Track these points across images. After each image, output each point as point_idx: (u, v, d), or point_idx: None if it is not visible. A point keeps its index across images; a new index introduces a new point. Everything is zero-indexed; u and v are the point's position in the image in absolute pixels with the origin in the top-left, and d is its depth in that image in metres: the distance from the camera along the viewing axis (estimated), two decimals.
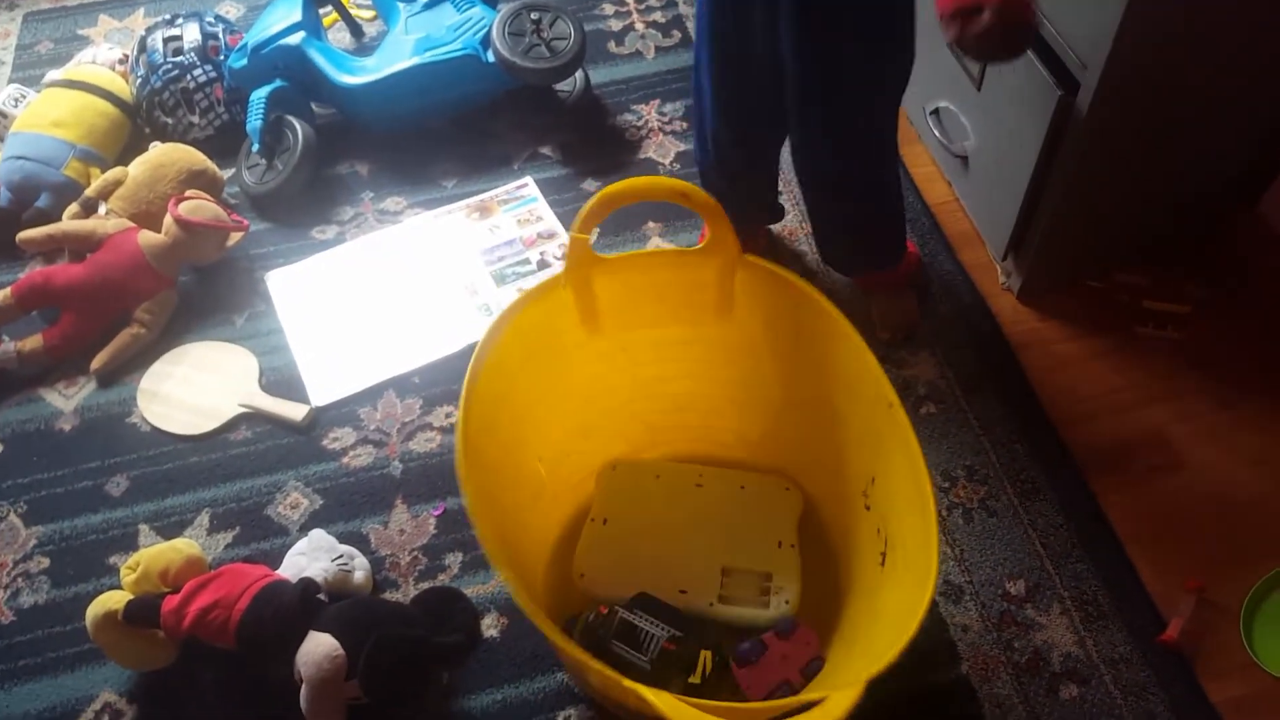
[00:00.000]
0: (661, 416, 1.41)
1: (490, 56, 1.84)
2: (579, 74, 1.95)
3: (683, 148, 1.91)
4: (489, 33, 1.84)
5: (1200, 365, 1.54)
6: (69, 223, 1.67)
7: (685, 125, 1.95)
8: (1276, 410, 1.49)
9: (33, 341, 1.60)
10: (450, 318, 1.67)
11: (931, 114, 1.70)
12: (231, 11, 2.24)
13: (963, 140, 1.64)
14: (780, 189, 1.69)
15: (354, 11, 2.15)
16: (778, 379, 1.30)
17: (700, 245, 1.21)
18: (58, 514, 1.47)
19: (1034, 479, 1.45)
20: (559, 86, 1.95)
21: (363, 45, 2.14)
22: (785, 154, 1.50)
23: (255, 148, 1.81)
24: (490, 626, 1.34)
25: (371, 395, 1.59)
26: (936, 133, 1.68)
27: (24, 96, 1.92)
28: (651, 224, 1.79)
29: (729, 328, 1.28)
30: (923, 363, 1.57)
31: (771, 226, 1.74)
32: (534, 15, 1.84)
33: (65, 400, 1.60)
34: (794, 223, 1.77)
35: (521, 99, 1.95)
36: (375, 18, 2.18)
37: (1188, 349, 1.56)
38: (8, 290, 1.61)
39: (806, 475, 1.38)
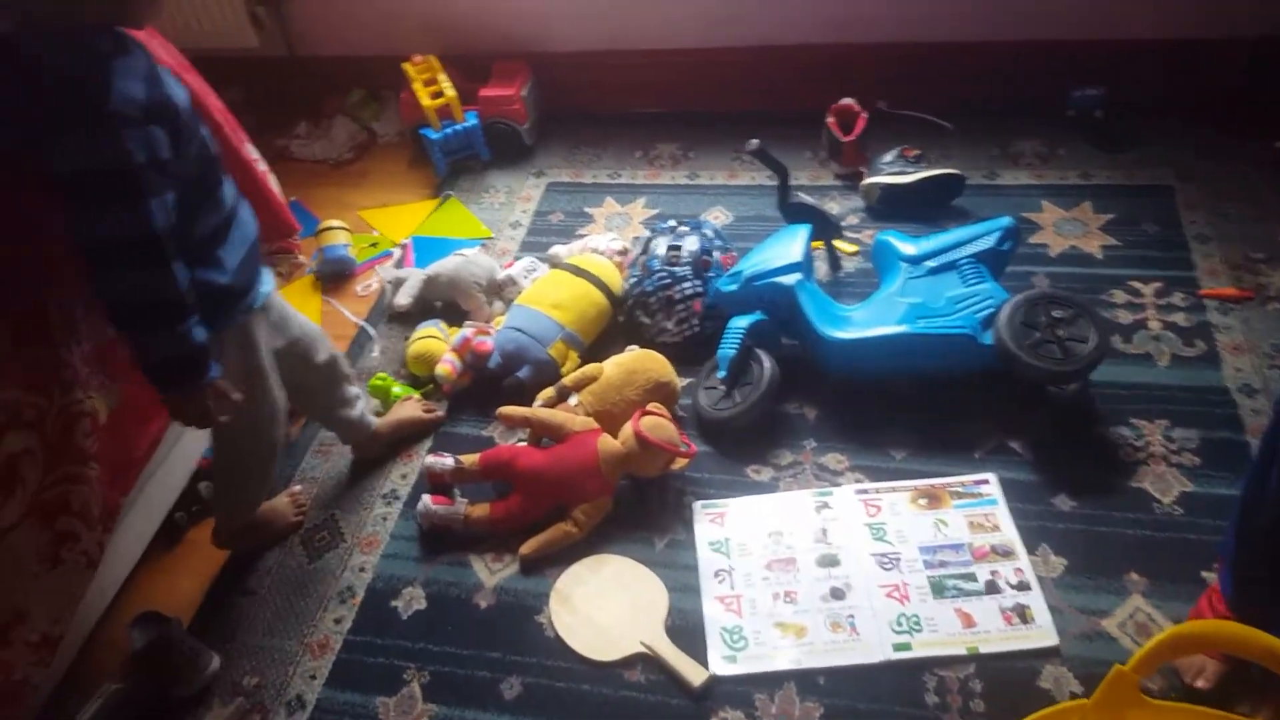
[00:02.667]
0: None
1: (988, 338, 1.70)
2: None
3: (1191, 489, 1.61)
4: (993, 314, 1.70)
5: None
6: (545, 410, 1.76)
7: (1199, 460, 1.65)
8: None
9: (481, 509, 1.70)
10: (872, 619, 1.51)
11: None
12: (720, 218, 2.33)
13: None
14: None
15: (841, 247, 2.13)
16: None
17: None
18: (453, 699, 1.49)
19: None
20: None
21: (836, 280, 2.11)
22: None
23: (721, 373, 1.81)
24: None
25: (772, 681, 1.46)
26: None
27: (534, 270, 2.12)
28: (1134, 575, 1.51)
29: None
30: None
31: None
32: (1055, 311, 1.67)
33: (490, 574, 1.66)
34: None
35: (1000, 378, 1.77)
36: (857, 253, 2.15)
37: None
38: (477, 457, 1.73)
39: None
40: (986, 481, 1.68)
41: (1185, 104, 2.38)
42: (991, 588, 1.52)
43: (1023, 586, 1.52)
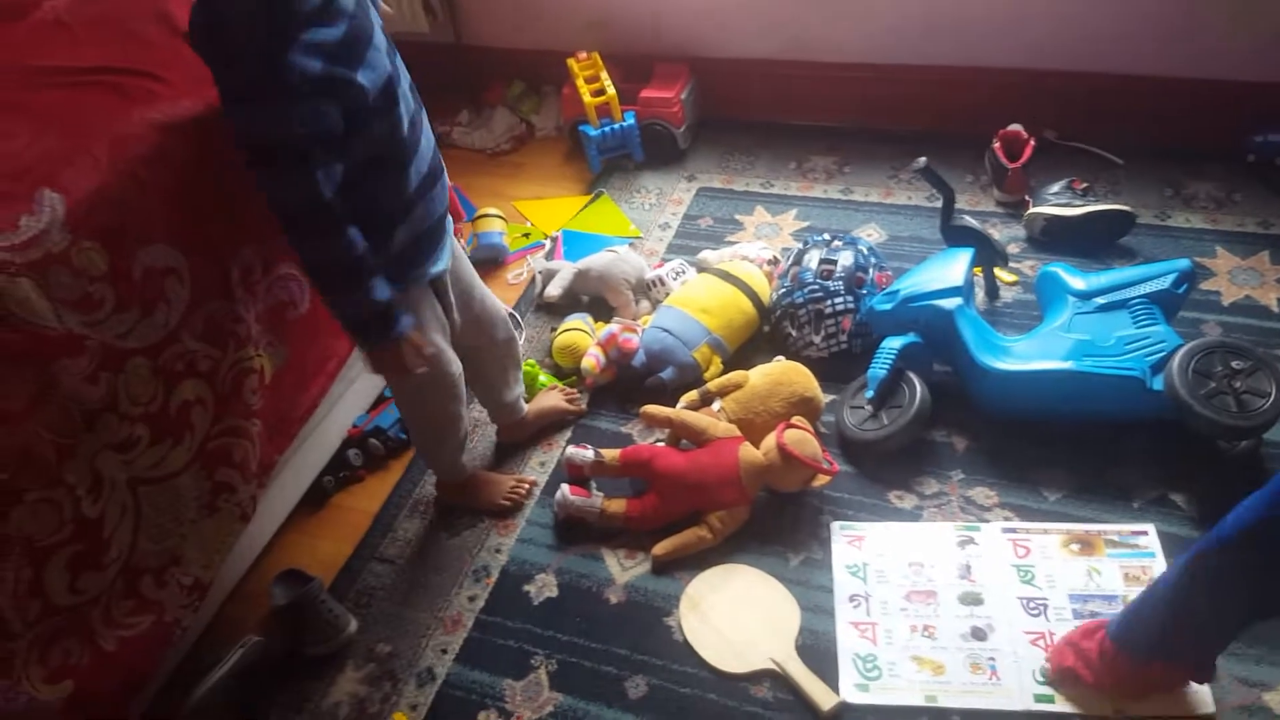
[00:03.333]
0: None
1: (1158, 384, 1.61)
2: None
3: None
4: (1166, 358, 1.62)
5: None
6: (688, 413, 1.77)
7: None
8: None
9: (617, 504, 1.71)
10: (1014, 665, 1.45)
11: None
12: (874, 235, 2.29)
13: None
14: None
15: (1001, 275, 2.06)
16: None
17: None
18: (579, 690, 1.51)
19: None
20: None
21: (993, 308, 2.04)
22: None
23: (869, 393, 1.78)
24: None
25: (904, 716, 1.42)
26: None
27: (684, 272, 2.12)
28: None
29: None
30: None
31: None
32: (1233, 362, 1.57)
33: (621, 570, 1.67)
34: None
35: (1166, 427, 1.68)
36: (1016, 283, 2.08)
37: None
38: (617, 453, 1.75)
39: None
40: (1145, 533, 1.59)
41: None
42: None
43: None
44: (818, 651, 1.51)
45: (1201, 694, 1.38)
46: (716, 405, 1.79)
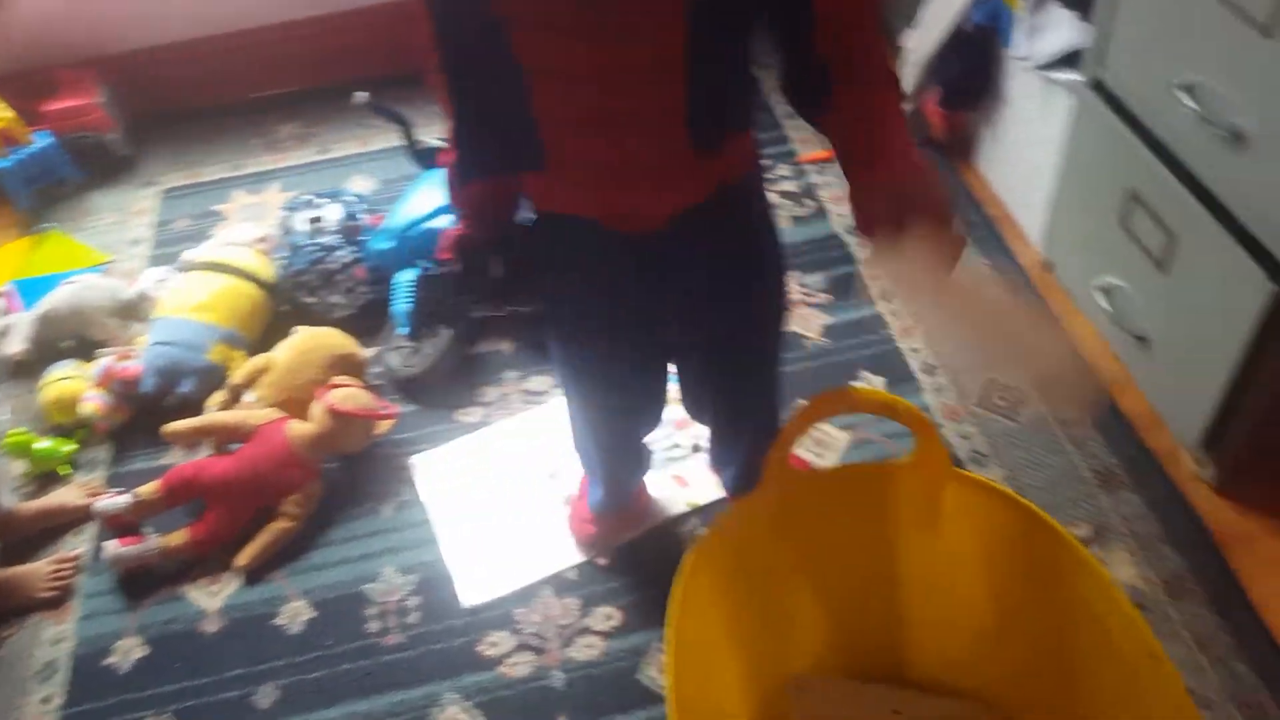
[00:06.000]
0: (849, 637, 1.30)
1: None
2: None
3: (829, 320, 1.86)
4: None
5: None
6: (218, 414, 1.65)
7: (830, 298, 1.90)
8: None
9: (177, 537, 1.56)
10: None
11: (1100, 290, 1.63)
12: (364, 186, 2.28)
13: (1138, 319, 1.57)
14: None
15: None
16: (990, 604, 1.20)
17: (907, 459, 1.14)
18: None
19: (1262, 704, 1.30)
20: None
21: None
22: None
23: (401, 330, 1.79)
24: None
25: (527, 594, 1.51)
26: (1107, 308, 1.61)
27: (167, 279, 1.94)
28: (800, 400, 1.72)
29: (933, 544, 1.20)
30: (1119, 562, 1.46)
31: None
32: None
33: (211, 599, 1.54)
34: None
35: None
36: None
37: None
38: (156, 484, 1.58)
39: (1025, 711, 1.24)
40: None
41: None
42: (696, 449, 1.67)
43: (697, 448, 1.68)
44: (436, 579, 1.54)
45: None
46: (250, 397, 1.70)
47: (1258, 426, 1.40)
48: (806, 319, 1.87)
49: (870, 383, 1.76)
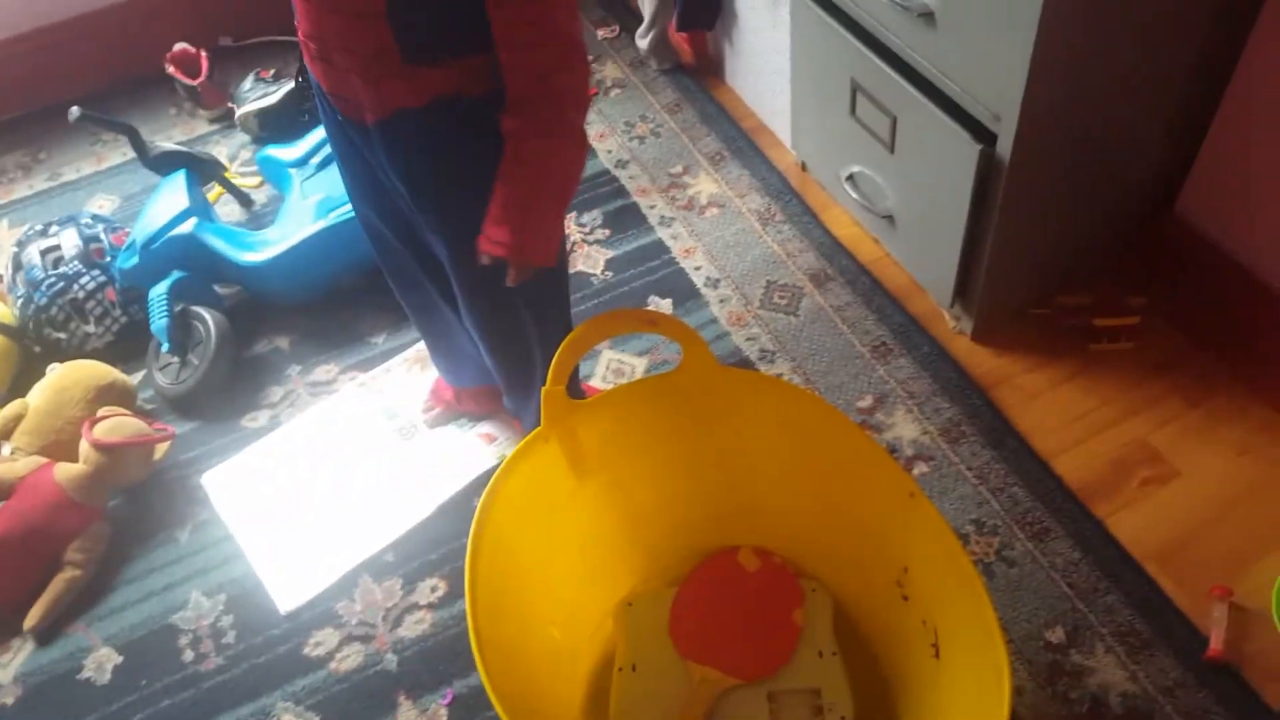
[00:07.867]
0: (667, 541, 1.34)
1: None
2: None
3: (611, 254, 1.88)
4: None
5: (1161, 369, 1.57)
6: None
7: (609, 233, 1.92)
8: (1243, 397, 1.53)
9: None
10: (412, 481, 1.58)
11: (847, 179, 1.71)
12: (106, 206, 2.12)
13: (883, 200, 1.66)
14: None
15: (238, 182, 2.06)
16: (783, 482, 1.26)
17: (677, 368, 1.18)
18: None
19: (1040, 519, 1.43)
20: None
21: (254, 214, 2.05)
22: None
23: (165, 347, 1.69)
24: None
25: (346, 585, 1.47)
26: (855, 195, 1.70)
27: None
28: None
29: (721, 441, 1.25)
30: (901, 422, 1.56)
31: None
32: None
33: (2, 670, 1.43)
34: None
35: None
36: (262, 184, 2.10)
37: (1145, 356, 1.59)
38: None
39: (829, 573, 1.32)
40: None
41: None
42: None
43: None
44: (247, 594, 1.48)
45: None
46: (7, 449, 1.57)
47: (993, 275, 1.52)
48: (590, 256, 1.89)
49: (659, 306, 1.79)
